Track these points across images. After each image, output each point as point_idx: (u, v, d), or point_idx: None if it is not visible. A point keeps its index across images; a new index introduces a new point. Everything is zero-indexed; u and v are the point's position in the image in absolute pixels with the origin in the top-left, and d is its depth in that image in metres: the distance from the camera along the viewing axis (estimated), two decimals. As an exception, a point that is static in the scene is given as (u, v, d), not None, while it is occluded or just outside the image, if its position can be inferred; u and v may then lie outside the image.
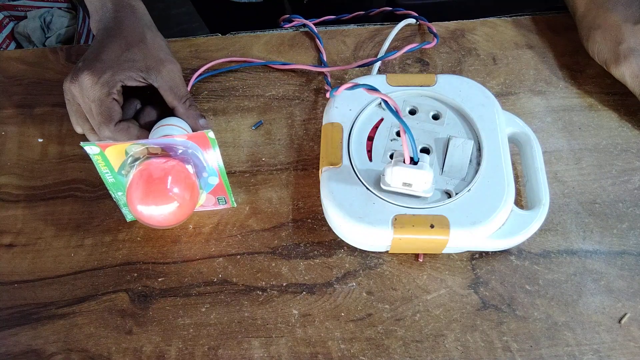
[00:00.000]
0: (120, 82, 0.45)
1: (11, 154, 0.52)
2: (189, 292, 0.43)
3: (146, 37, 0.48)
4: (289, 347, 0.41)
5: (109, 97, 0.45)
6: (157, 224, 0.42)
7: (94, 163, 0.40)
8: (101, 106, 0.44)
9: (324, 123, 0.46)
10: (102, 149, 0.39)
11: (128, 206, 0.42)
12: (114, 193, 0.43)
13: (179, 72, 0.48)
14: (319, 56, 0.56)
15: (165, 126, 0.46)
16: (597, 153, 0.48)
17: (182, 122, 0.47)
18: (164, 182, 0.40)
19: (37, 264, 0.46)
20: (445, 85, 0.47)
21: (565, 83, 0.52)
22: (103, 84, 0.44)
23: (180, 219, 0.42)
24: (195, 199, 0.43)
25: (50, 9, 1.37)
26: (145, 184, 0.40)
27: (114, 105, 0.45)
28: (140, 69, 0.46)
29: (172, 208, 0.40)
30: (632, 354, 0.39)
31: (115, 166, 0.41)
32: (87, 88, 0.45)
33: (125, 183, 0.42)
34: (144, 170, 0.40)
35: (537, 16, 0.58)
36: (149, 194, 0.40)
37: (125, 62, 0.46)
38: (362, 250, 0.44)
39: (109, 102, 0.45)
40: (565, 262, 0.43)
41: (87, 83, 0.44)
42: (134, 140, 0.40)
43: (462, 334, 0.40)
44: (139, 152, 0.41)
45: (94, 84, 0.44)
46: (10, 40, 1.37)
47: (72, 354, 0.41)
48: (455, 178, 0.43)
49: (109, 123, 0.45)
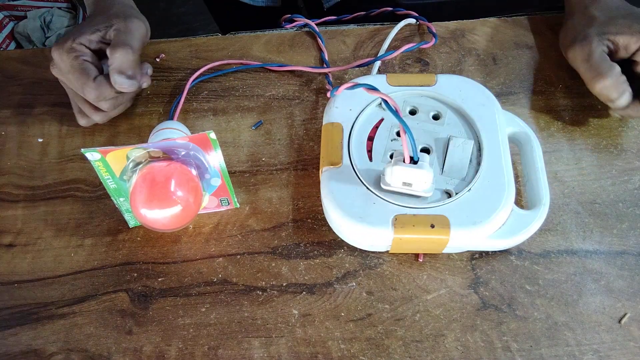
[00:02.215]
0: (83, 45, 0.47)
1: (11, 154, 0.52)
2: (189, 292, 0.43)
3: (114, 7, 0.50)
4: (289, 347, 0.41)
5: (78, 59, 0.46)
6: (161, 228, 0.42)
7: (95, 169, 0.40)
8: (75, 71, 0.46)
9: (324, 123, 0.46)
10: (103, 154, 0.39)
11: (132, 210, 0.42)
12: (116, 199, 0.43)
13: (139, 29, 0.49)
14: (320, 56, 0.56)
15: (164, 130, 0.46)
16: (597, 153, 0.48)
17: (181, 125, 0.47)
18: (167, 186, 0.40)
19: (37, 264, 0.46)
20: (445, 85, 0.47)
21: (565, 83, 0.52)
22: (68, 51, 0.46)
23: (184, 222, 0.42)
24: (199, 201, 0.42)
25: (50, 9, 1.37)
26: (149, 188, 0.40)
27: (87, 65, 0.46)
28: (98, 30, 0.48)
29: (176, 211, 0.40)
30: (632, 354, 0.39)
31: (117, 171, 0.41)
32: (58, 62, 0.47)
33: (127, 188, 0.41)
34: (147, 174, 0.40)
35: (537, 16, 0.58)
36: (153, 198, 0.40)
37: (86, 27, 0.48)
38: (362, 250, 0.44)
39: (80, 63, 0.46)
40: (565, 262, 0.43)
41: (56, 57, 0.47)
42: (135, 145, 0.40)
43: (462, 334, 0.40)
44: (140, 157, 0.41)
45: (61, 55, 0.46)
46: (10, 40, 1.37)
47: (72, 354, 0.41)
48: (455, 178, 0.43)
49: (87, 80, 0.46)
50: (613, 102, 0.46)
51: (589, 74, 0.47)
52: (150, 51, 0.57)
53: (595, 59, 0.47)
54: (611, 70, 0.46)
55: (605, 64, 0.46)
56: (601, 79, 0.46)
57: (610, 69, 0.46)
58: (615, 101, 0.46)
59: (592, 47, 0.47)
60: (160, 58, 0.57)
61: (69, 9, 1.40)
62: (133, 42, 0.47)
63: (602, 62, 0.46)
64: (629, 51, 0.47)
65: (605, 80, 0.45)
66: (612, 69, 0.46)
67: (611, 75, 0.45)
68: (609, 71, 0.45)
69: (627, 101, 0.46)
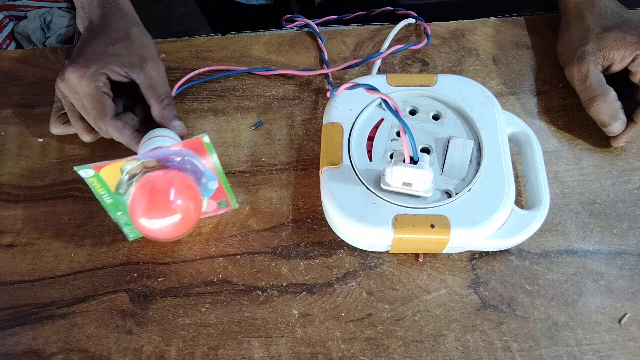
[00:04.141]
0: (105, 75, 0.46)
1: (11, 154, 0.52)
2: (189, 292, 0.43)
3: (131, 34, 0.49)
4: (289, 347, 0.41)
5: (99, 90, 0.45)
6: (163, 237, 0.41)
7: (90, 186, 0.40)
8: (93, 100, 0.45)
9: (324, 123, 0.46)
10: (96, 170, 0.38)
11: (132, 222, 0.42)
12: (113, 214, 0.42)
13: (161, 71, 0.49)
14: (320, 56, 0.56)
15: (154, 138, 0.45)
16: (597, 153, 0.48)
17: (171, 132, 0.47)
18: (166, 194, 0.39)
19: (37, 264, 0.46)
20: (445, 85, 0.47)
21: (565, 83, 0.52)
22: (90, 78, 0.45)
23: (186, 230, 0.42)
24: (199, 207, 0.42)
25: (50, 9, 1.37)
26: (148, 198, 0.39)
27: (106, 99, 0.46)
28: (124, 64, 0.47)
29: (177, 219, 0.40)
30: (632, 354, 0.39)
31: (112, 186, 0.40)
32: (75, 84, 0.45)
33: (124, 201, 0.41)
34: (145, 185, 0.40)
35: (537, 16, 0.58)
36: (153, 208, 0.39)
37: (110, 56, 0.46)
38: (362, 250, 0.44)
39: (100, 95, 0.45)
40: (565, 262, 0.43)
41: (74, 79, 0.45)
42: (128, 157, 0.39)
43: (462, 334, 0.40)
44: (135, 168, 0.40)
45: (80, 79, 0.45)
46: (10, 40, 1.37)
47: (72, 354, 0.41)
48: (455, 178, 0.43)
49: (104, 117, 0.45)
50: (606, 127, 0.47)
51: (584, 95, 0.48)
52: (150, 51, 0.57)
53: (591, 81, 0.47)
54: (606, 95, 0.46)
55: (600, 88, 0.47)
56: (596, 102, 0.47)
57: (606, 94, 0.47)
58: (607, 127, 0.47)
59: (588, 68, 0.48)
60: (161, 58, 0.57)
61: (69, 9, 1.40)
62: (167, 86, 0.49)
63: (598, 86, 0.47)
64: (624, 63, 0.48)
65: (600, 105, 0.46)
66: (608, 94, 0.47)
67: (606, 100, 0.46)
68: (605, 96, 0.46)
69: (619, 128, 0.47)
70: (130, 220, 0.43)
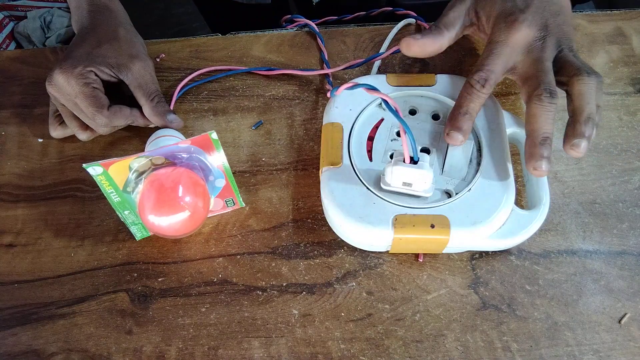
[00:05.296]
0: (93, 72, 0.46)
1: (11, 154, 0.52)
2: (189, 292, 0.43)
3: (119, 34, 0.49)
4: (289, 347, 0.41)
5: (89, 86, 0.45)
6: (172, 234, 0.42)
7: (98, 184, 0.40)
8: (86, 97, 0.45)
9: (324, 123, 0.46)
10: (105, 167, 0.39)
11: (140, 219, 0.42)
12: (121, 212, 0.42)
13: (150, 69, 0.49)
14: (320, 56, 0.56)
15: (161, 137, 0.46)
16: (597, 153, 0.48)
17: (176, 132, 0.47)
18: (175, 191, 0.39)
19: (37, 264, 0.46)
20: (445, 85, 0.47)
21: (565, 83, 0.52)
22: (77, 77, 0.45)
23: (194, 227, 0.42)
24: (208, 204, 0.42)
25: (50, 9, 1.37)
26: (157, 194, 0.39)
27: (98, 92, 0.46)
28: (111, 65, 0.47)
29: (186, 216, 0.40)
30: (632, 354, 0.39)
31: (120, 184, 0.40)
32: (64, 85, 0.46)
33: (133, 199, 0.41)
34: (154, 182, 0.40)
35: (537, 16, 0.58)
36: (162, 205, 0.39)
37: (97, 57, 0.47)
38: (362, 250, 0.44)
39: (91, 90, 0.46)
40: (565, 262, 0.43)
41: (62, 80, 0.45)
42: (136, 154, 0.40)
43: (462, 334, 0.40)
44: (143, 166, 0.41)
45: (68, 79, 0.45)
46: (10, 40, 1.37)
47: (72, 354, 0.41)
48: (455, 178, 0.43)
49: (102, 108, 0.46)
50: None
51: None
52: (150, 51, 0.57)
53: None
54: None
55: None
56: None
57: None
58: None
59: None
60: (160, 58, 0.57)
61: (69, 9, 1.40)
62: (156, 84, 0.49)
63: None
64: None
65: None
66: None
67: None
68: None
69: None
70: (137, 220, 0.43)
